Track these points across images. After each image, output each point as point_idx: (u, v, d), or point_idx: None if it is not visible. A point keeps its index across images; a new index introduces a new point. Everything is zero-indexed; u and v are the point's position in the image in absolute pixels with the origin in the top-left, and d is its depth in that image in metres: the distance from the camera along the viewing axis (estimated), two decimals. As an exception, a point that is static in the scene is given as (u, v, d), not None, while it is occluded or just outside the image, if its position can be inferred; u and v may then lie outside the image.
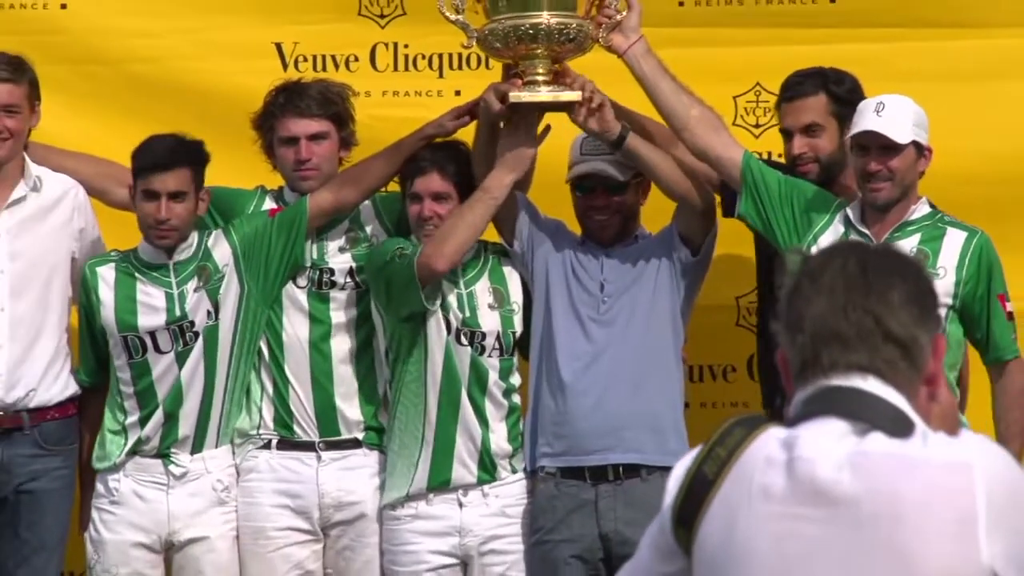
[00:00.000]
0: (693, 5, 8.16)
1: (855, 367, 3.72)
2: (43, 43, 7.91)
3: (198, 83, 8.17)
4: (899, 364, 3.72)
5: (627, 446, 7.35)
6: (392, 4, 8.23)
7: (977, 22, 8.06)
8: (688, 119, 7.33)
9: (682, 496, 3.78)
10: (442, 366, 7.51)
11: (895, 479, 3.58)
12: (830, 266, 3.79)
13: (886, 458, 3.61)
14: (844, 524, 3.60)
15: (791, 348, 3.78)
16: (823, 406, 3.70)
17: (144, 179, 7.37)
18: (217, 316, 7.54)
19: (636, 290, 7.49)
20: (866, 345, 3.72)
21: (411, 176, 7.49)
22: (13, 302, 7.51)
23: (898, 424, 3.65)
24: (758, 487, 3.69)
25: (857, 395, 3.68)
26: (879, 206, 7.20)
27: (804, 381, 3.78)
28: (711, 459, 3.70)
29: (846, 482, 3.60)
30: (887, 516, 3.57)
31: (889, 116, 7.10)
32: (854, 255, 3.80)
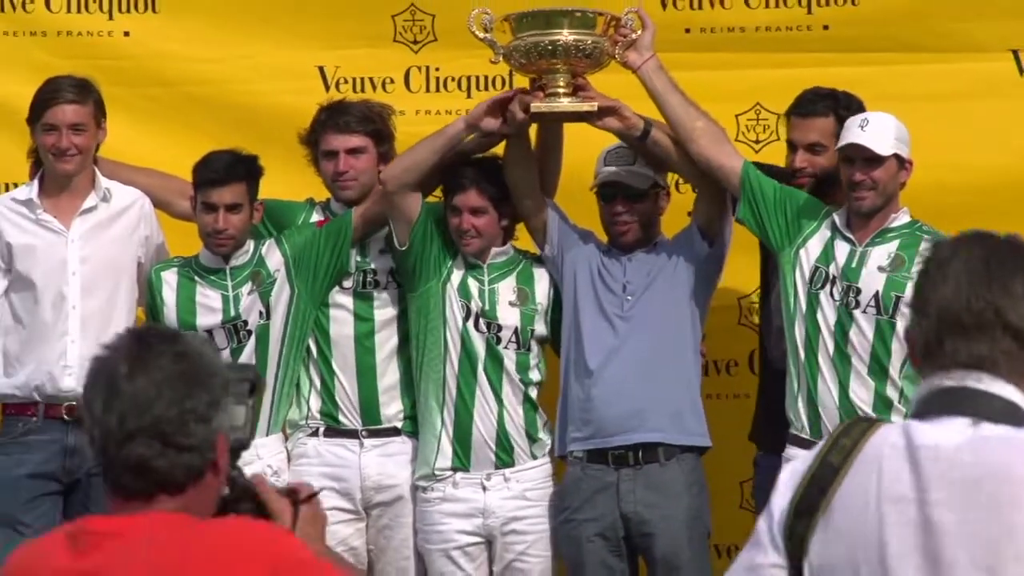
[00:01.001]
0: (699, 32, 8.14)
1: (974, 358, 3.70)
2: (109, 67, 7.91)
3: (250, 103, 8.16)
4: (1017, 354, 3.70)
5: (648, 427, 7.33)
6: (424, 31, 8.21)
7: (953, 47, 8.03)
8: (694, 131, 7.33)
9: (803, 488, 3.77)
10: (460, 347, 7.53)
11: (1012, 462, 3.57)
12: (957, 256, 3.77)
13: (1002, 443, 3.60)
14: (966, 505, 3.59)
15: (917, 329, 3.75)
16: (940, 407, 3.69)
17: (204, 192, 7.40)
18: (268, 317, 7.57)
19: (656, 290, 7.48)
20: (986, 336, 3.70)
21: (452, 192, 7.50)
22: (84, 301, 7.53)
23: (1011, 415, 3.65)
24: (886, 472, 3.69)
25: (971, 394, 3.66)
26: (863, 213, 7.22)
27: (927, 368, 3.76)
28: (836, 449, 3.70)
29: (967, 465, 3.59)
30: (1006, 496, 3.57)
31: (873, 131, 7.13)
32: (981, 246, 3.79)
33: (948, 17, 8.07)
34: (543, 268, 7.63)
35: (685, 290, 7.47)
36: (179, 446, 3.90)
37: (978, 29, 8.05)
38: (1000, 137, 8.02)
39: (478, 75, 8.05)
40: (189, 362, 3.97)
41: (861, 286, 7.25)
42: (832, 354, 7.24)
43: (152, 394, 3.83)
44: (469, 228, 7.45)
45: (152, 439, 3.85)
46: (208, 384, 3.98)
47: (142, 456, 3.84)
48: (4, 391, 7.61)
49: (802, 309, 7.29)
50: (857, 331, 7.24)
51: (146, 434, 3.84)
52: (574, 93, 7.35)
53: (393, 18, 8.19)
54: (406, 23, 8.21)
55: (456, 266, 7.58)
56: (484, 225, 7.48)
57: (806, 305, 7.29)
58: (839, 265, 7.28)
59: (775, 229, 7.33)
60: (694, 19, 8.14)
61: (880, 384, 7.23)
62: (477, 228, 7.47)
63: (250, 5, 8.28)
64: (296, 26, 8.23)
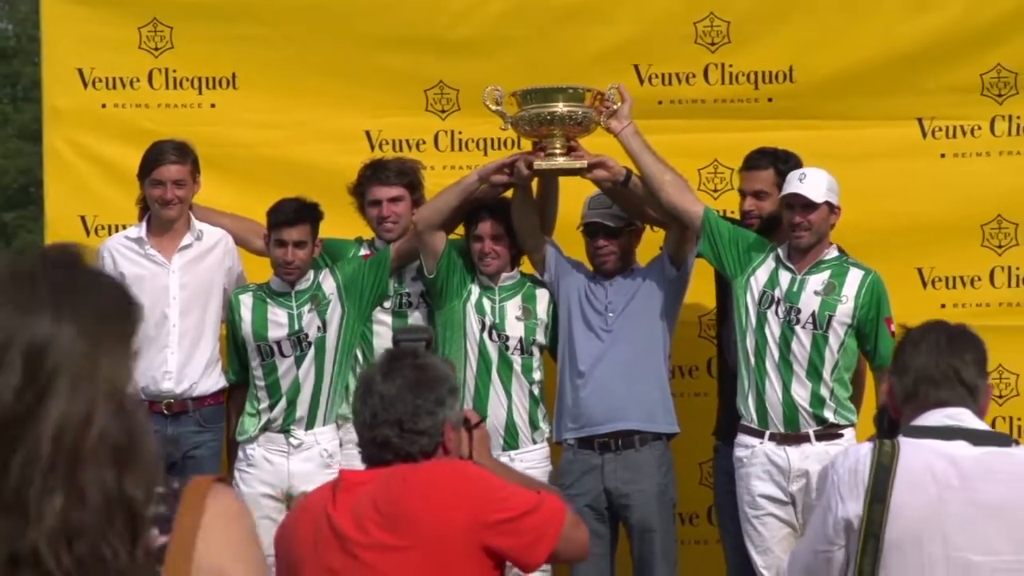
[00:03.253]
0: (668, 103, 8.06)
1: (941, 400, 4.49)
2: (199, 133, 7.87)
3: (309, 161, 8.13)
4: (967, 400, 4.50)
5: (626, 419, 7.37)
6: (450, 103, 8.19)
7: (871, 116, 8.03)
8: (664, 182, 7.34)
9: (872, 480, 4.44)
10: (477, 353, 7.56)
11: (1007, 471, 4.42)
12: (926, 337, 4.64)
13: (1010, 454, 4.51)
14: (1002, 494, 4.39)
15: (899, 385, 4.59)
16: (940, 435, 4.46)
17: (276, 231, 7.49)
18: (325, 331, 7.59)
19: (632, 308, 7.50)
20: (948, 386, 4.51)
21: (475, 223, 7.54)
22: (182, 320, 7.61)
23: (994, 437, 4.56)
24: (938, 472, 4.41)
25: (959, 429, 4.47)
26: (801, 248, 7.28)
27: (907, 410, 4.57)
28: (883, 453, 4.41)
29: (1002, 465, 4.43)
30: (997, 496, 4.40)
31: (809, 183, 7.18)
32: (941, 331, 4.65)
33: (866, 92, 8.01)
34: (544, 289, 7.65)
35: (656, 308, 7.52)
36: (413, 431, 4.48)
37: (890, 102, 8.00)
38: (907, 187, 8.01)
39: (493, 138, 8.01)
40: (423, 372, 4.52)
41: (801, 307, 7.29)
42: (777, 361, 7.31)
43: (394, 394, 4.44)
44: (490, 251, 7.52)
45: (393, 426, 4.46)
46: (436, 388, 4.51)
47: (386, 437, 4.45)
48: None
49: (752, 325, 7.35)
50: (797, 343, 7.29)
51: (388, 423, 4.46)
52: (568, 153, 7.40)
53: (425, 92, 8.19)
54: (435, 96, 8.21)
55: (473, 289, 7.60)
56: (501, 249, 7.54)
57: (756, 322, 7.34)
58: (783, 290, 7.32)
59: (730, 261, 7.38)
60: (664, 93, 8.09)
61: (815, 385, 7.28)
62: (496, 251, 7.53)
63: (308, 83, 8.19)
64: (346, 99, 8.18)
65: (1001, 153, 8.05)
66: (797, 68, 8.11)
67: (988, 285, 8.06)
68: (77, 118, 8.31)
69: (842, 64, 8.09)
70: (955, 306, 7.98)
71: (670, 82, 8.14)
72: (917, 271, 8.04)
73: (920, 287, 8.04)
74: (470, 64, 8.07)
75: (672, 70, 8.14)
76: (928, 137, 8.09)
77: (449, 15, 8.27)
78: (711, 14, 8.12)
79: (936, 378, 4.58)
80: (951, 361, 4.61)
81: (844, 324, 7.30)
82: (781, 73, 8.12)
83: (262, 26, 8.27)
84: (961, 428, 4.51)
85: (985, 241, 8.04)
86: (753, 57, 8.12)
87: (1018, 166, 8.02)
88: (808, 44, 8.10)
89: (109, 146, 8.24)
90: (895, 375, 4.70)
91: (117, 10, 8.38)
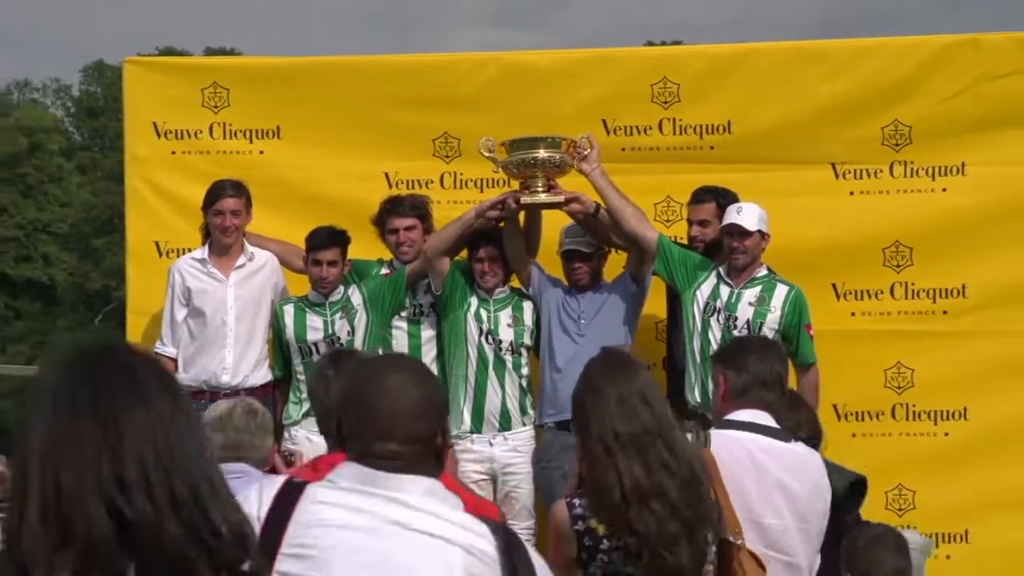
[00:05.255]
0: (630, 150, 8.02)
1: (766, 401, 4.58)
2: (250, 174, 7.92)
3: (339, 196, 8.10)
4: (782, 401, 4.67)
5: None
6: (453, 149, 8.17)
7: (792, 161, 8.01)
8: (626, 214, 7.36)
9: None
10: (476, 354, 7.50)
11: (810, 459, 4.61)
12: (757, 347, 4.81)
13: (791, 449, 4.61)
14: (799, 480, 4.54)
15: (737, 380, 4.59)
16: (749, 429, 4.57)
17: (313, 253, 7.52)
18: (353, 335, 7.57)
19: (601, 316, 7.49)
20: (775, 391, 4.62)
21: (475, 248, 7.54)
22: (237, 325, 7.63)
23: (780, 434, 4.62)
24: (761, 461, 4.53)
25: (764, 427, 4.58)
26: (738, 268, 7.30)
27: (732, 403, 4.60)
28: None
29: (795, 456, 4.59)
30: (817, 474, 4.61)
31: (744, 215, 7.23)
32: (769, 345, 4.91)
33: (790, 142, 8.00)
34: (529, 301, 7.62)
35: (620, 316, 7.52)
36: None
37: (809, 149, 7.99)
38: (823, 218, 7.99)
39: (487, 178, 7.97)
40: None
41: (738, 315, 7.29)
42: None
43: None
44: (488, 271, 7.51)
45: None
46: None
47: None
48: (183, 382, 7.11)
49: (698, 330, 7.32)
50: None
51: None
52: (549, 191, 7.41)
53: (433, 141, 8.17)
54: (441, 144, 8.19)
55: (473, 301, 7.57)
56: (497, 269, 7.52)
57: (701, 327, 7.32)
58: (723, 301, 7.31)
59: (679, 278, 7.39)
60: (626, 142, 8.07)
61: None
62: (493, 271, 7.53)
63: (339, 134, 8.17)
64: (369, 147, 8.18)
65: (898, 191, 8.03)
66: (735, 122, 8.09)
67: (889, 297, 8.01)
68: (152, 163, 8.32)
69: (771, 119, 8.08)
70: (863, 314, 7.99)
71: (631, 133, 8.12)
72: (832, 286, 7.99)
73: (834, 299, 7.98)
74: (469, 118, 8.05)
75: (633, 123, 8.13)
76: (840, 178, 8.07)
77: (453, 78, 8.25)
78: (664, 78, 8.11)
79: (768, 382, 4.69)
80: (778, 368, 4.76)
81: (772, 329, 7.28)
82: (721, 126, 8.10)
83: (302, 88, 8.28)
84: (764, 425, 4.65)
85: (886, 262, 8.02)
86: (699, 113, 8.10)
87: (912, 201, 8.00)
88: (743, 103, 8.08)
89: (177, 185, 8.26)
90: (733, 372, 4.70)
91: (184, 75, 8.45)
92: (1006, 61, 7.90)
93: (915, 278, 8.03)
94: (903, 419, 7.91)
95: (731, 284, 7.36)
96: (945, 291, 7.99)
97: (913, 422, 7.93)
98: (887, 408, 7.90)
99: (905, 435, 7.87)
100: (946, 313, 7.98)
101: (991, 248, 7.90)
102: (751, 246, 7.30)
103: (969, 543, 7.47)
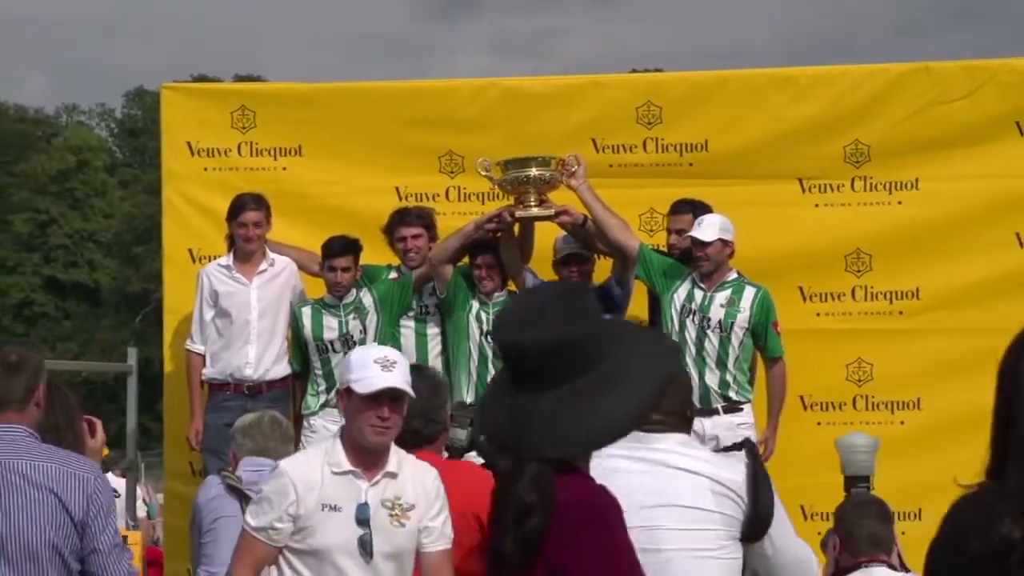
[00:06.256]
0: (617, 166, 8.01)
1: None
2: (274, 188, 7.93)
3: (353, 207, 8.08)
4: None
5: None
6: (457, 166, 8.15)
7: (763, 176, 8.00)
8: (610, 225, 7.34)
9: None
10: (478, 350, 7.47)
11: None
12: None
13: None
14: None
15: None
16: None
17: (328, 259, 7.51)
18: (365, 333, 7.54)
19: None
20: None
21: (475, 256, 7.52)
22: (259, 323, 7.63)
23: None
24: None
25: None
26: (703, 273, 7.30)
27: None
28: None
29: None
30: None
31: (704, 226, 7.22)
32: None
33: (761, 159, 7.99)
34: None
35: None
36: (432, 420, 4.45)
37: (779, 166, 7.99)
38: (791, 228, 8.00)
39: (487, 192, 7.92)
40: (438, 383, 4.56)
41: (711, 316, 7.29)
42: (694, 355, 7.29)
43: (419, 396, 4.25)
44: (487, 277, 7.49)
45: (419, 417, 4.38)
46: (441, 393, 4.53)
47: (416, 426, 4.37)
48: (211, 375, 7.64)
49: (675, 329, 7.31)
50: (708, 342, 7.30)
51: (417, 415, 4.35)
52: (540, 204, 7.39)
53: (438, 158, 8.17)
54: (446, 161, 8.18)
55: (473, 303, 7.54)
56: (494, 275, 7.50)
57: (678, 327, 7.32)
58: (697, 303, 7.31)
59: (658, 282, 7.39)
60: (614, 159, 8.06)
61: (723, 373, 7.26)
62: (492, 276, 7.51)
63: (353, 152, 8.18)
64: (381, 164, 8.17)
65: (859, 204, 8.03)
66: (711, 141, 8.07)
67: (850, 299, 8.00)
68: (186, 178, 8.33)
69: (744, 139, 8.06)
70: (826, 315, 7.99)
71: (618, 151, 8.10)
72: (799, 288, 7.97)
73: (800, 300, 7.98)
74: (472, 137, 8.04)
75: (619, 142, 8.11)
76: (806, 192, 8.06)
77: (456, 101, 8.25)
78: (648, 101, 8.11)
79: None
80: None
81: (743, 328, 7.30)
82: (699, 145, 8.08)
83: (320, 111, 8.28)
84: None
85: (847, 267, 8.00)
86: (679, 133, 8.08)
87: (871, 213, 7.99)
88: (719, 124, 8.06)
89: (209, 198, 8.25)
90: None
91: (215, 100, 8.48)
92: (954, 87, 7.95)
93: (874, 282, 8.02)
94: (863, 409, 7.93)
95: (704, 288, 7.34)
96: (901, 293, 7.99)
97: (872, 412, 7.95)
98: (848, 399, 7.93)
99: (865, 423, 7.83)
100: (902, 313, 7.99)
101: (942, 255, 7.92)
102: (712, 254, 7.28)
103: (922, 520, 7.46)
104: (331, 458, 4.14)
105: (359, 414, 4.11)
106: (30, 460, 3.89)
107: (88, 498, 3.89)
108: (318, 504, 4.10)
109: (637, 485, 3.70)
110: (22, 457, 3.90)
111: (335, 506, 4.11)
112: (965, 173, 7.92)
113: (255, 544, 4.09)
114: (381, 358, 4.14)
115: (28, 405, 3.96)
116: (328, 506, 4.10)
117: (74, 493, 3.88)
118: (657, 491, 3.75)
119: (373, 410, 4.10)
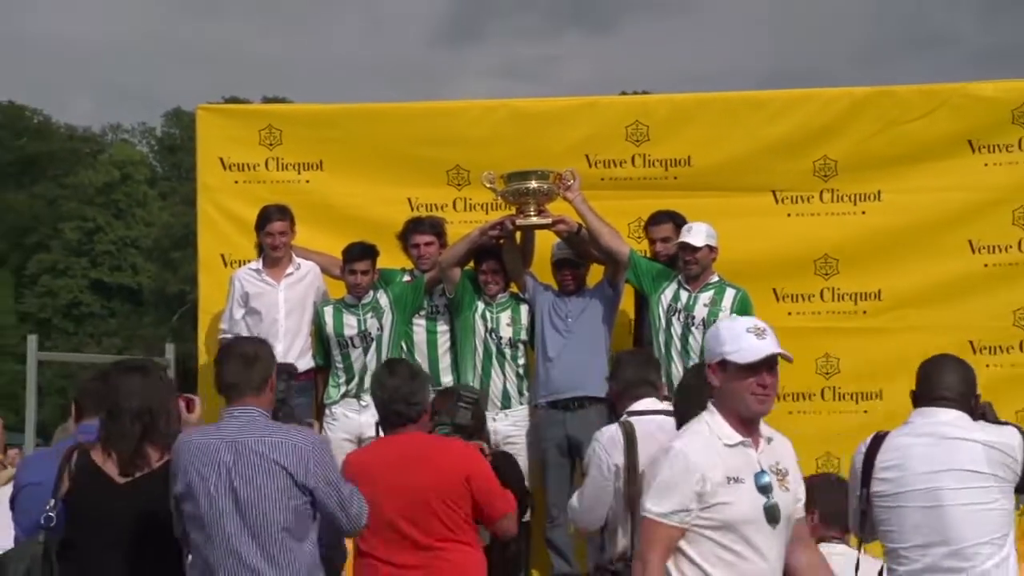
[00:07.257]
0: (609, 180, 7.97)
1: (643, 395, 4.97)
2: (298, 200, 7.94)
3: (370, 217, 8.06)
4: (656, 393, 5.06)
5: (580, 389, 7.18)
6: (464, 179, 8.11)
7: (740, 188, 7.95)
8: (603, 233, 7.31)
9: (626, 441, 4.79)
10: (483, 347, 7.45)
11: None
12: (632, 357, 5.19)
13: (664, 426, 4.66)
14: None
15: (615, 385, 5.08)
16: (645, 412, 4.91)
17: (349, 264, 7.50)
18: (381, 331, 7.52)
19: (584, 316, 7.39)
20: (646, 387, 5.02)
21: (480, 261, 7.52)
22: (286, 322, 7.59)
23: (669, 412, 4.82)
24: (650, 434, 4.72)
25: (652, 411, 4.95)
26: (691, 276, 7.27)
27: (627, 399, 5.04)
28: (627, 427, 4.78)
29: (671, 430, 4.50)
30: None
31: (693, 232, 7.21)
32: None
33: (739, 173, 7.95)
34: (525, 304, 7.55)
35: (600, 316, 7.43)
36: (412, 403, 4.51)
37: (754, 179, 7.96)
38: (766, 236, 7.95)
39: (491, 202, 7.90)
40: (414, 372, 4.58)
41: (695, 314, 7.23)
42: (680, 350, 7.24)
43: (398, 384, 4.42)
44: (491, 280, 7.48)
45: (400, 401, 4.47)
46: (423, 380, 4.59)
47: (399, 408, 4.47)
48: None
49: (662, 327, 7.28)
50: (693, 339, 7.21)
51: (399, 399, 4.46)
52: (539, 214, 7.38)
53: (447, 172, 8.14)
54: (453, 175, 8.16)
55: (479, 304, 7.52)
56: (498, 279, 7.48)
57: (665, 325, 7.27)
58: (682, 303, 7.27)
59: (646, 284, 7.36)
60: (605, 173, 8.02)
61: None
62: (495, 279, 7.49)
63: (370, 167, 8.13)
64: (395, 177, 8.14)
65: (827, 214, 8.01)
66: (694, 157, 8.04)
67: (819, 300, 7.97)
68: (219, 190, 8.31)
69: (724, 154, 8.02)
70: (797, 314, 7.94)
71: (609, 166, 8.09)
72: (772, 290, 7.94)
73: (774, 301, 7.94)
74: (477, 153, 8.02)
75: (610, 158, 8.08)
76: (779, 203, 8.04)
77: (464, 121, 8.22)
78: (636, 120, 8.09)
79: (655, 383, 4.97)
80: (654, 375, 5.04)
81: None
82: (683, 160, 8.05)
83: (340, 130, 8.27)
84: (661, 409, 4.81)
85: (816, 271, 7.98)
86: (664, 149, 8.05)
87: (838, 222, 7.98)
88: (701, 141, 8.03)
89: (239, 208, 8.22)
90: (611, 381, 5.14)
91: (245, 119, 8.44)
92: (912, 109, 7.95)
93: (840, 284, 8.00)
94: (830, 400, 7.90)
95: (689, 289, 7.33)
96: (864, 295, 7.97)
97: (838, 402, 7.91)
98: (817, 390, 7.90)
99: (832, 413, 7.88)
100: (865, 313, 7.96)
101: (902, 260, 7.91)
102: (700, 258, 7.26)
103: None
104: (719, 431, 3.87)
105: (738, 384, 3.84)
106: (259, 437, 4.16)
107: (304, 461, 4.13)
108: (724, 478, 3.86)
109: (918, 455, 4.50)
110: (255, 435, 4.18)
111: (738, 478, 3.87)
112: (923, 186, 7.93)
113: (664, 529, 3.79)
114: (753, 327, 3.86)
115: (263, 391, 4.25)
116: (732, 479, 3.87)
117: (290, 458, 4.13)
118: (936, 458, 4.47)
119: (754, 378, 3.85)
